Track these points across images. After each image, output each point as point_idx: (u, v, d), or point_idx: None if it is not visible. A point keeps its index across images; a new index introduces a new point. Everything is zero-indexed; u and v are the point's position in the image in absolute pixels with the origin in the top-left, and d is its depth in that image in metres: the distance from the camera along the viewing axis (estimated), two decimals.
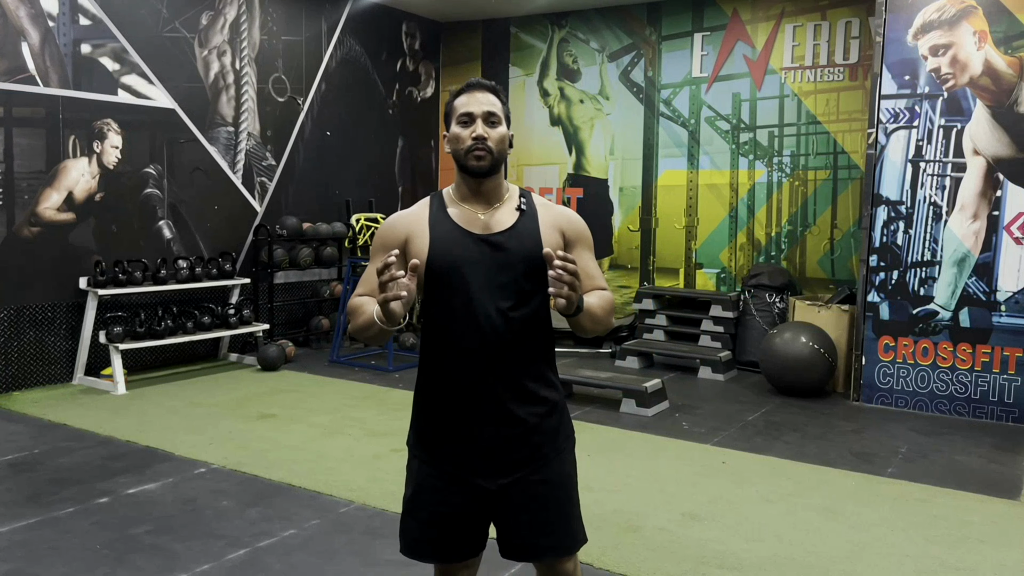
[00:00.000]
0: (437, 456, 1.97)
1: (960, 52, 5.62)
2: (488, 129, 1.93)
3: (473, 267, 1.91)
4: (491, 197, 1.99)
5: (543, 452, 1.97)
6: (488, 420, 1.93)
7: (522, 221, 1.97)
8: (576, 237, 2.03)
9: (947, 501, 4.08)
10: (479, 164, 1.93)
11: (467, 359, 1.91)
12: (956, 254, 5.70)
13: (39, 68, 5.74)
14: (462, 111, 1.95)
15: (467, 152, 1.93)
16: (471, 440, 1.93)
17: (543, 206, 2.03)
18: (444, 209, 2.00)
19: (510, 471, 1.95)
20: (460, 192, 2.01)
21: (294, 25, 7.58)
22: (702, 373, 6.83)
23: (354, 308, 1.96)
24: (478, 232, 1.95)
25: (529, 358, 1.95)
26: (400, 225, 2.01)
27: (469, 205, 1.99)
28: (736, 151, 7.61)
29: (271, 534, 3.51)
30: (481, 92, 1.97)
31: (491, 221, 1.97)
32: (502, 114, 1.97)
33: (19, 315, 5.72)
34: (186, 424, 5.10)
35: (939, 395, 5.77)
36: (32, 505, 3.77)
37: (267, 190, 7.42)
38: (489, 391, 1.92)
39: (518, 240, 1.94)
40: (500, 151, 1.96)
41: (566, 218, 2.04)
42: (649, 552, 3.42)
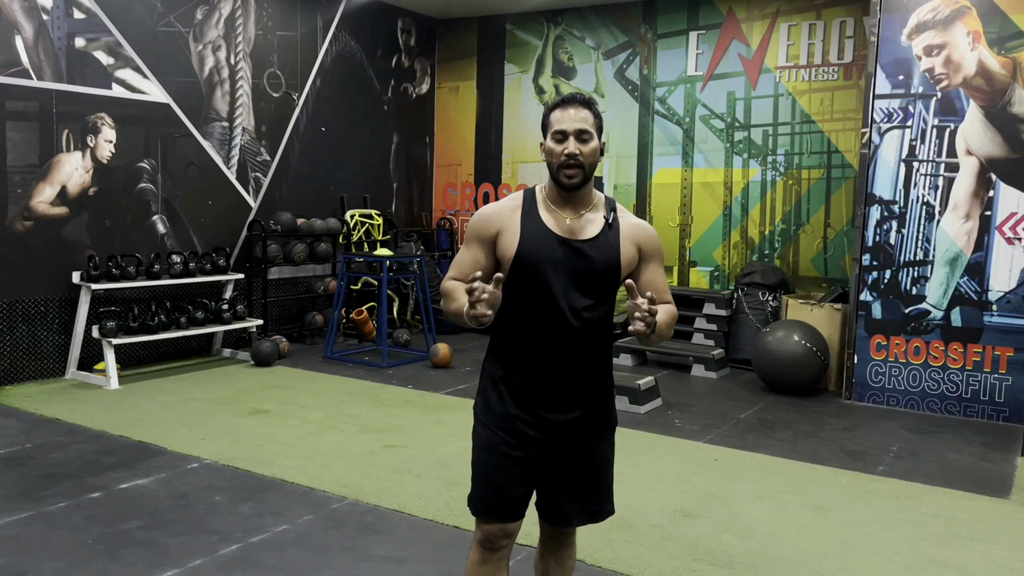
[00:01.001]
0: (500, 426, 2.18)
1: (954, 52, 5.64)
2: (580, 146, 2.07)
3: (556, 268, 2.10)
4: (579, 205, 2.16)
5: (588, 435, 2.22)
6: (549, 403, 2.15)
7: (605, 233, 2.14)
8: (651, 252, 2.21)
9: (937, 499, 4.11)
10: (571, 181, 2.09)
11: (542, 347, 2.12)
12: (948, 254, 5.73)
13: (33, 62, 5.72)
14: (556, 128, 2.09)
15: (559, 168, 2.08)
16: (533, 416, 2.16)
17: (625, 218, 2.20)
18: (535, 209, 2.16)
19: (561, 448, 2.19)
20: (551, 195, 2.16)
21: (289, 20, 7.56)
22: (695, 371, 6.84)
23: (448, 292, 2.15)
24: (564, 236, 2.12)
25: (594, 352, 2.17)
26: (494, 218, 2.17)
27: (559, 208, 2.15)
28: (730, 149, 7.63)
29: (264, 529, 3.52)
30: (575, 108, 2.09)
31: (577, 227, 2.14)
32: (594, 129, 2.10)
33: (12, 309, 5.70)
34: (179, 419, 5.10)
35: (930, 394, 5.80)
36: (24, 500, 3.76)
37: (261, 185, 7.40)
38: (554, 377, 2.14)
39: (600, 251, 2.12)
40: (591, 164, 2.11)
41: (645, 233, 2.21)
42: (641, 548, 3.43)
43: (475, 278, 1.94)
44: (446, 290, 2.17)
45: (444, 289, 2.19)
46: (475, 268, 2.15)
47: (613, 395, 2.30)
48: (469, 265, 2.18)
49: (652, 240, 2.22)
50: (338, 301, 7.17)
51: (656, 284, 2.21)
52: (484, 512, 2.22)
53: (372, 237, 8.27)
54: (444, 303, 2.17)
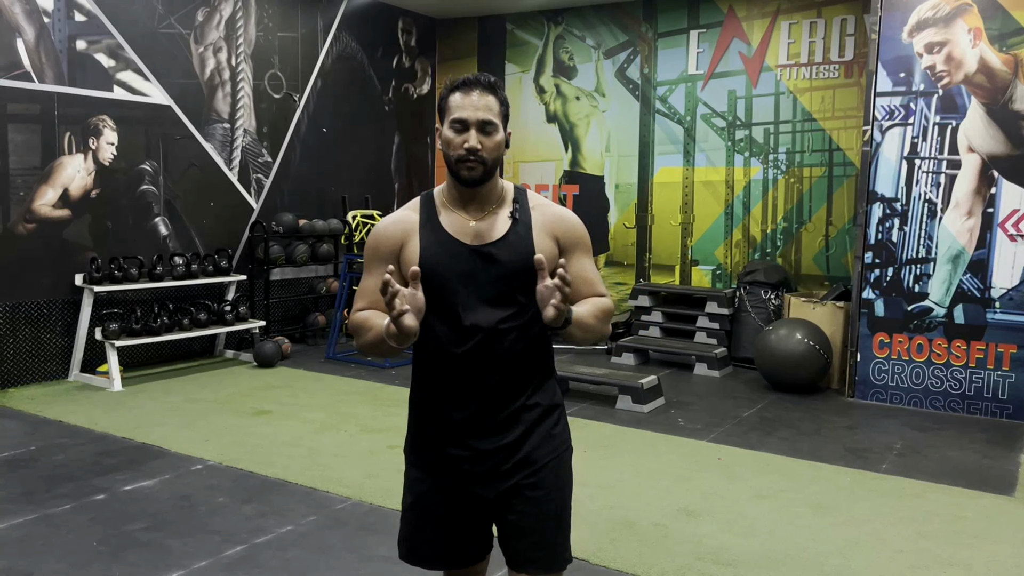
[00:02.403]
0: (434, 465, 1.92)
1: (955, 49, 5.64)
2: (483, 138, 1.81)
3: (463, 279, 1.83)
4: (483, 203, 1.89)
5: (536, 457, 1.89)
6: (483, 430, 1.87)
7: (515, 230, 1.87)
8: (572, 242, 1.93)
9: (941, 497, 4.10)
10: (470, 175, 1.82)
11: (460, 370, 1.85)
12: (951, 251, 5.72)
13: (34, 64, 5.73)
14: (456, 115, 1.82)
15: (458, 161, 1.82)
16: (466, 450, 1.87)
17: (538, 208, 1.92)
18: (435, 215, 1.89)
19: (507, 477, 1.89)
20: (451, 196, 1.90)
21: (290, 21, 7.57)
22: (697, 369, 6.84)
23: (358, 325, 1.88)
24: (469, 242, 1.85)
25: (524, 368, 1.89)
26: (392, 231, 1.91)
27: (460, 211, 1.89)
28: (732, 148, 7.62)
29: (267, 530, 3.52)
30: (478, 93, 1.82)
31: (483, 229, 1.87)
32: (499, 119, 1.84)
33: (15, 312, 5.71)
34: (182, 420, 5.10)
35: (934, 391, 5.79)
36: (28, 502, 3.77)
37: (263, 186, 7.41)
38: (483, 402, 1.86)
39: (510, 251, 1.85)
40: (494, 159, 1.84)
41: (562, 222, 1.93)
42: (644, 548, 3.43)
43: (387, 281, 1.63)
44: (357, 322, 1.88)
45: (354, 323, 1.89)
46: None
47: (562, 410, 1.99)
48: (376, 291, 1.88)
49: (572, 228, 1.93)
50: (340, 302, 7.18)
51: (584, 276, 1.92)
52: (430, 563, 1.97)
53: None
54: (359, 338, 1.87)
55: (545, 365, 1.95)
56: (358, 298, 1.93)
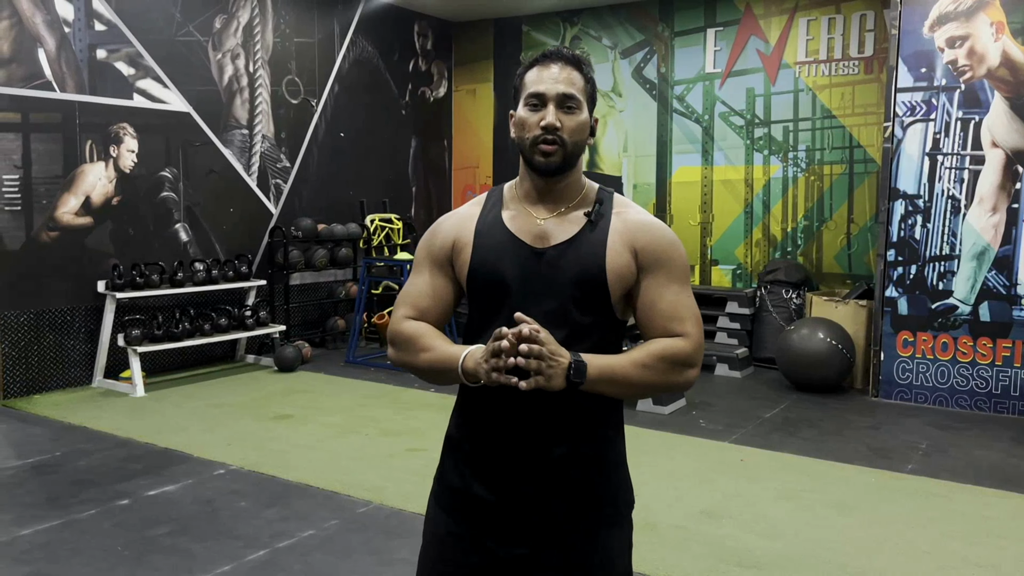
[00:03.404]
0: (456, 505, 1.62)
1: (977, 44, 5.56)
2: (563, 116, 1.52)
3: (519, 287, 1.54)
4: (560, 199, 1.59)
5: (584, 519, 1.57)
6: (518, 476, 1.55)
7: (586, 233, 1.55)
8: (655, 259, 1.55)
9: (967, 497, 4.05)
10: (546, 161, 1.53)
11: (503, 401, 1.52)
12: (975, 248, 5.65)
13: (55, 74, 5.80)
14: (532, 90, 1.54)
15: (533, 144, 1.53)
16: (490, 490, 1.57)
17: (622, 213, 1.59)
18: (499, 210, 1.61)
19: (530, 540, 1.55)
20: (523, 189, 1.61)
21: (307, 27, 7.60)
22: (719, 370, 6.80)
23: (407, 338, 1.59)
24: (531, 242, 1.56)
25: (584, 405, 1.53)
26: (446, 229, 1.65)
27: (531, 207, 1.59)
28: (750, 146, 7.57)
29: (289, 534, 3.53)
30: (559, 65, 1.54)
31: (550, 229, 1.56)
32: (583, 96, 1.55)
33: (39, 319, 5.78)
34: (204, 425, 5.14)
35: (959, 390, 5.71)
36: (53, 507, 3.80)
37: (282, 192, 7.45)
38: (521, 437, 1.54)
39: (574, 257, 1.53)
40: (576, 143, 1.54)
41: (646, 232, 1.56)
42: (666, 550, 3.41)
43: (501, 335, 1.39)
44: (405, 335, 1.59)
45: (401, 334, 1.60)
46: (432, 300, 1.62)
47: (620, 466, 1.63)
48: (426, 296, 1.63)
49: (658, 243, 1.56)
50: (359, 305, 7.20)
51: (660, 307, 1.54)
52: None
53: (392, 241, 8.29)
54: (404, 353, 1.60)
55: (607, 406, 1.58)
56: (401, 302, 1.65)
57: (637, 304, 1.56)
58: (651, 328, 1.55)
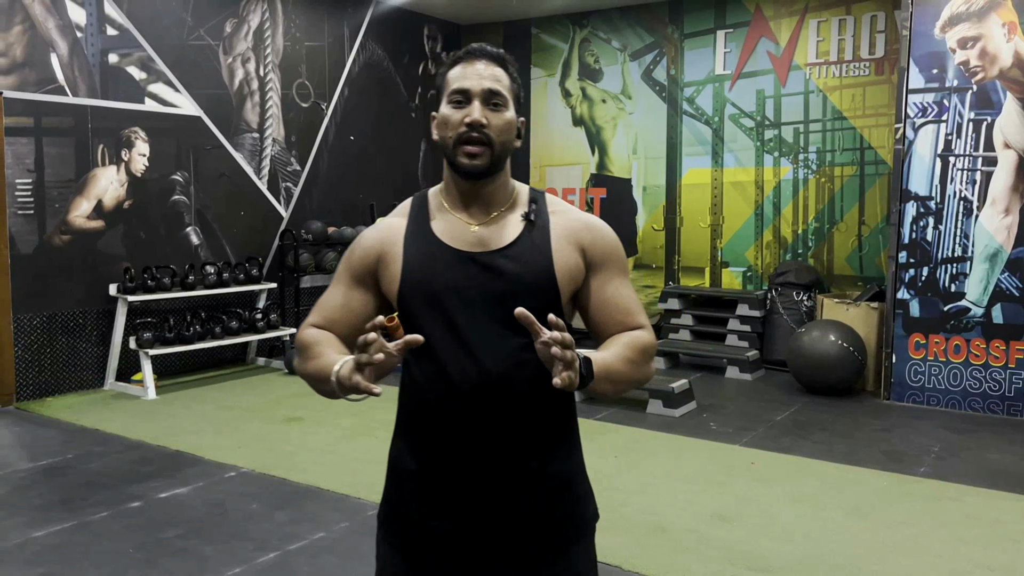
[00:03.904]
0: (410, 543, 1.53)
1: (989, 44, 5.53)
2: (489, 113, 1.44)
3: (462, 298, 1.45)
4: (490, 203, 1.51)
5: (545, 545, 1.49)
6: (477, 499, 1.46)
7: (528, 235, 1.49)
8: (603, 256, 1.52)
9: (980, 500, 4.02)
10: (472, 163, 1.45)
11: (457, 418, 1.45)
12: (988, 249, 5.61)
13: (68, 78, 5.83)
14: (456, 86, 1.46)
15: (457, 143, 1.45)
16: (453, 524, 1.48)
17: (559, 213, 1.54)
18: (426, 218, 1.53)
19: (499, 568, 1.48)
20: (449, 195, 1.54)
21: (317, 30, 7.63)
22: (729, 373, 6.78)
23: (306, 345, 1.51)
24: (467, 250, 1.47)
25: (541, 419, 1.47)
26: (369, 243, 1.55)
27: (460, 213, 1.51)
28: (761, 148, 7.55)
29: (300, 537, 3.54)
30: (484, 62, 1.46)
31: (487, 235, 1.49)
32: (510, 94, 1.48)
33: (51, 322, 5.81)
34: (215, 428, 5.15)
35: (972, 393, 5.68)
36: (65, 509, 3.82)
37: (292, 195, 7.47)
38: (482, 462, 1.45)
39: (521, 261, 1.46)
40: (504, 144, 1.46)
41: (590, 231, 1.52)
42: (677, 553, 3.40)
43: (374, 326, 1.30)
44: (305, 342, 1.52)
45: (302, 340, 1.53)
46: (342, 313, 1.54)
47: (584, 477, 1.56)
48: (336, 308, 1.55)
49: (603, 239, 1.52)
50: None
51: (617, 303, 1.51)
52: None
53: None
54: (301, 362, 1.52)
55: (568, 416, 1.53)
56: (315, 310, 1.59)
57: (589, 302, 1.52)
58: (608, 324, 1.51)
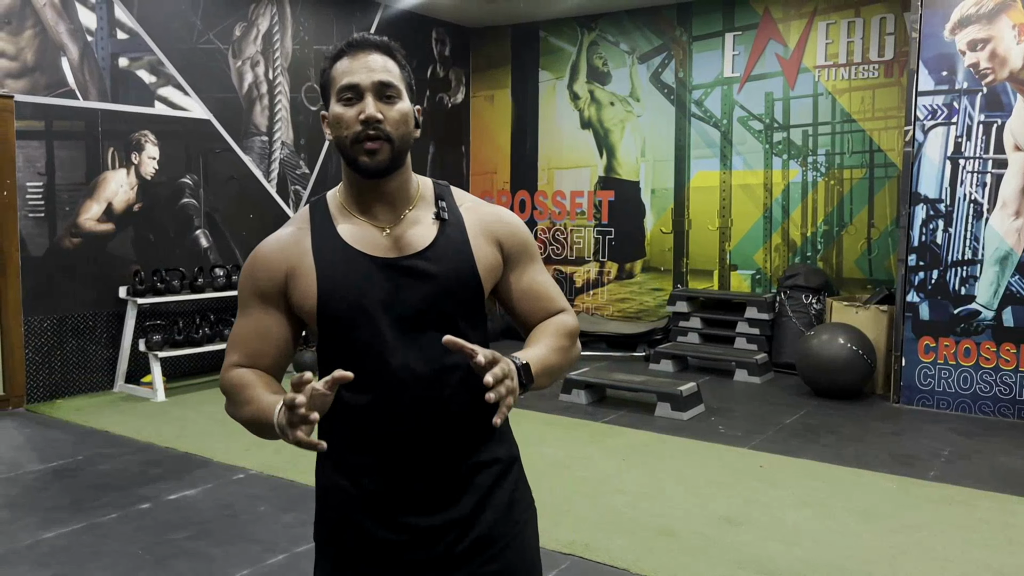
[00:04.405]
0: (357, 557, 1.47)
1: (999, 46, 5.51)
2: (384, 107, 1.38)
3: (386, 307, 1.40)
4: (397, 202, 1.45)
5: (499, 533, 1.48)
6: (424, 502, 1.43)
7: (445, 234, 1.45)
8: (519, 248, 1.52)
9: (991, 504, 3.99)
10: (373, 160, 1.37)
11: (389, 430, 1.41)
12: (998, 252, 5.58)
13: (78, 82, 5.87)
14: (344, 81, 1.38)
15: (355, 141, 1.37)
16: (402, 533, 1.44)
17: (469, 207, 1.51)
18: (331, 225, 1.44)
19: (456, 565, 1.45)
20: (351, 199, 1.45)
21: (325, 34, 7.65)
22: (738, 376, 6.76)
23: (233, 389, 1.43)
24: (383, 255, 1.42)
25: (476, 416, 1.43)
26: (271, 258, 1.45)
27: (366, 217, 1.44)
28: (769, 151, 7.53)
29: (308, 539, 3.54)
30: (370, 53, 1.40)
31: (401, 237, 1.43)
32: (402, 83, 1.41)
33: (61, 324, 5.84)
34: (224, 430, 5.17)
35: (982, 396, 5.65)
36: (74, 511, 3.84)
37: (301, 198, 7.49)
38: (423, 467, 1.42)
39: (444, 262, 1.43)
40: (403, 136, 1.40)
41: (503, 224, 1.51)
42: (685, 556, 3.39)
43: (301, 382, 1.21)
44: (231, 385, 1.44)
45: (228, 385, 1.45)
46: (264, 342, 1.45)
47: (519, 462, 1.55)
48: (255, 338, 1.45)
49: (516, 231, 1.52)
50: None
51: (536, 291, 1.52)
52: None
53: None
54: (231, 407, 1.45)
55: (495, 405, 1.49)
56: (230, 348, 1.48)
57: (511, 294, 1.52)
58: (532, 313, 1.53)
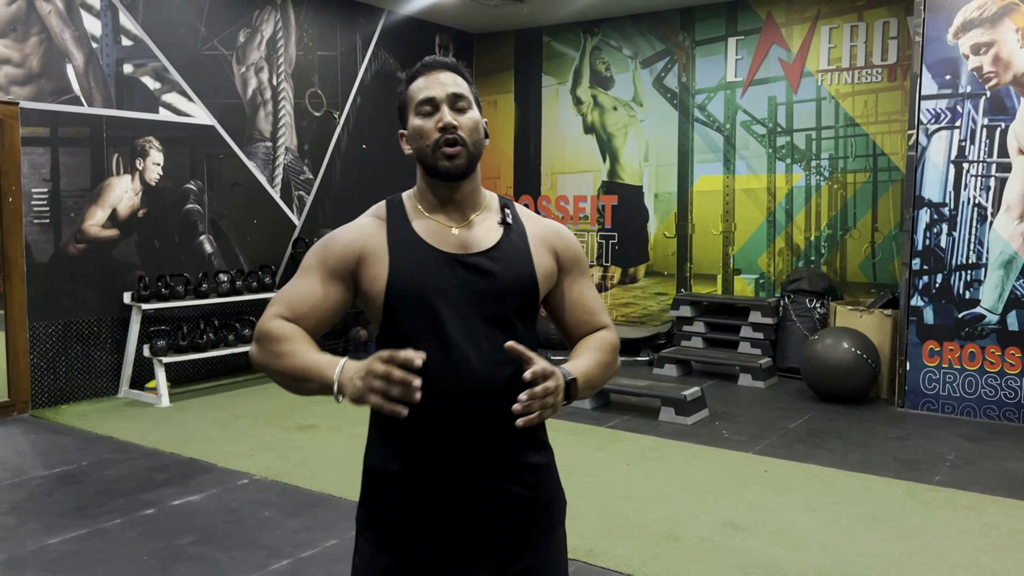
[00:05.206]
0: (400, 546, 1.54)
1: (1003, 50, 5.51)
2: (457, 116, 1.53)
3: (448, 298, 1.50)
4: (467, 206, 1.58)
5: (529, 532, 1.57)
6: (464, 496, 1.51)
7: (508, 238, 1.57)
8: (572, 260, 1.65)
9: (998, 509, 3.98)
10: (453, 164, 1.52)
11: (440, 418, 1.49)
12: (1003, 256, 5.57)
13: (83, 88, 5.89)
14: (421, 97, 1.54)
15: (435, 148, 1.52)
16: (441, 521, 1.52)
17: (529, 219, 1.64)
18: (407, 221, 1.58)
19: (489, 558, 1.53)
20: (426, 201, 1.59)
21: (329, 40, 7.67)
22: (742, 380, 6.75)
23: (275, 336, 1.52)
24: (451, 251, 1.53)
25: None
26: (349, 240, 1.58)
27: (438, 215, 1.58)
28: (773, 155, 7.53)
29: (313, 544, 3.54)
30: (442, 72, 1.56)
31: (469, 237, 1.55)
32: (472, 96, 1.57)
33: (66, 330, 5.85)
34: (228, 435, 5.17)
35: (987, 400, 5.63)
36: (80, 516, 3.84)
37: (305, 203, 7.51)
38: (467, 459, 1.51)
39: (505, 263, 1.54)
40: (475, 143, 1.55)
41: (559, 236, 1.64)
42: (691, 562, 3.38)
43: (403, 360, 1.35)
44: (273, 334, 1.53)
45: (269, 333, 1.53)
46: (313, 308, 1.56)
47: (555, 468, 1.65)
48: (307, 301, 1.56)
49: (570, 244, 1.65)
50: None
51: (584, 304, 1.64)
52: None
53: None
54: (263, 353, 1.54)
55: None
56: (278, 301, 1.58)
57: (562, 303, 1.64)
58: (578, 325, 1.65)
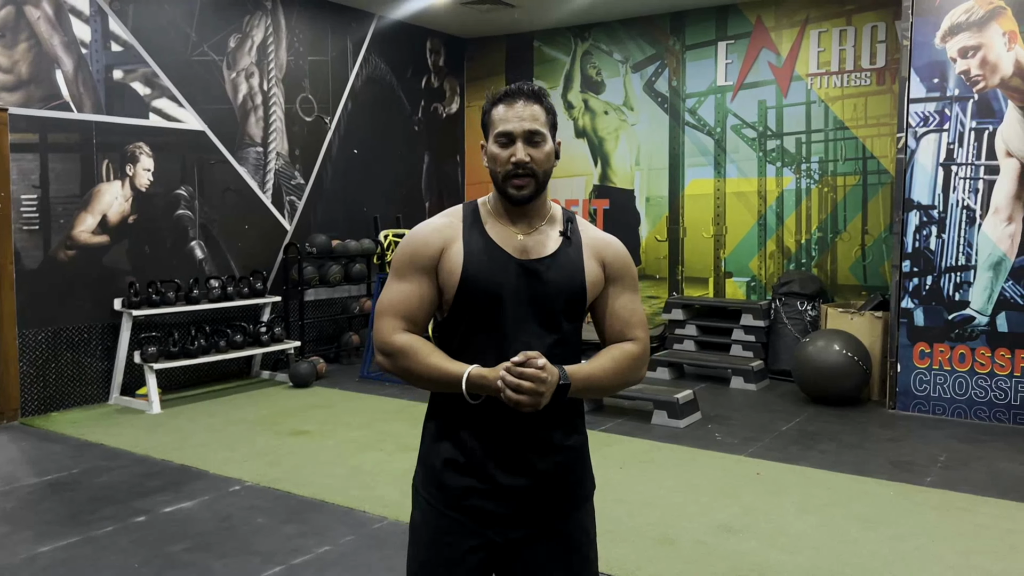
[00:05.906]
0: (449, 500, 1.75)
1: (990, 53, 5.55)
2: (531, 150, 1.70)
3: (511, 294, 1.71)
4: (533, 217, 1.78)
5: (562, 504, 1.78)
6: (508, 467, 1.72)
7: (565, 249, 1.76)
8: (620, 271, 1.81)
9: (990, 510, 4.00)
10: (520, 193, 1.72)
11: (493, 403, 1.67)
12: (991, 258, 5.61)
13: (73, 94, 5.86)
14: (500, 128, 1.72)
15: (506, 178, 1.71)
16: (486, 487, 1.73)
17: (586, 232, 1.82)
18: (480, 223, 1.77)
19: (526, 523, 1.75)
20: (497, 209, 1.78)
21: (320, 45, 7.67)
22: (734, 383, 6.76)
23: (411, 349, 1.70)
24: (515, 255, 1.74)
25: (561, 403, 1.71)
26: (432, 238, 1.75)
27: (507, 223, 1.77)
28: (763, 158, 7.56)
29: (306, 550, 3.53)
30: (523, 103, 1.72)
31: (531, 244, 1.75)
32: (547, 128, 1.73)
33: (56, 337, 5.82)
34: (220, 441, 5.15)
35: (978, 402, 5.66)
36: (72, 524, 3.82)
37: (296, 209, 7.49)
38: (513, 436, 1.72)
39: (560, 271, 1.74)
40: (546, 172, 1.74)
41: (611, 249, 1.81)
42: (684, 565, 3.38)
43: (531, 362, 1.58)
44: (406, 348, 1.70)
45: (400, 347, 1.71)
46: (420, 307, 1.73)
47: (587, 450, 1.86)
48: (413, 303, 1.73)
49: (620, 257, 1.82)
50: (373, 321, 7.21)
51: (622, 314, 1.80)
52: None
53: None
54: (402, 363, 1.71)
55: (580, 401, 1.82)
56: (387, 311, 1.74)
57: (604, 311, 1.81)
58: (612, 333, 1.81)
